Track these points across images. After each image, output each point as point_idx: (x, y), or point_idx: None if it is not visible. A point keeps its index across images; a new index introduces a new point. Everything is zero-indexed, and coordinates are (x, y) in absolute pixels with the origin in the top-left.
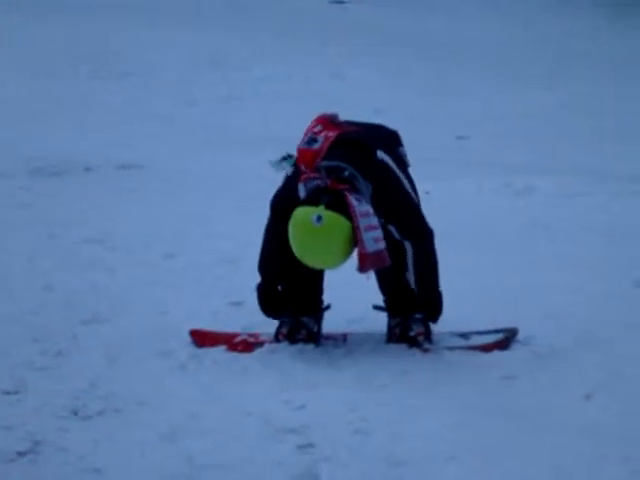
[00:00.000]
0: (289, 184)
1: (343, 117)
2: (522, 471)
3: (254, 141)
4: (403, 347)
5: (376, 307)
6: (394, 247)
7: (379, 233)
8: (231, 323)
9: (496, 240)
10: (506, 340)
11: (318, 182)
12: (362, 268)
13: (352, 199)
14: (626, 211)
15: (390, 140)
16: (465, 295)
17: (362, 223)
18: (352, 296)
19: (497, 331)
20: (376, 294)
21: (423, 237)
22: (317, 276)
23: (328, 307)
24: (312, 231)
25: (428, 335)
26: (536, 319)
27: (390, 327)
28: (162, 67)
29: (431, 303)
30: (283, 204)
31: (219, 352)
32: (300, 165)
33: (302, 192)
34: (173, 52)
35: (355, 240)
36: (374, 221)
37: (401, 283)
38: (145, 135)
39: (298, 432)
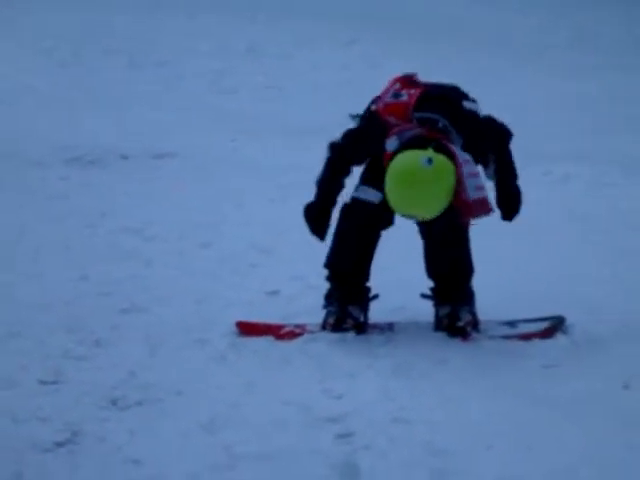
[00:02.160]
0: (362, 137)
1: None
2: (561, 459)
3: (290, 130)
4: (445, 335)
5: (424, 295)
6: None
7: (481, 181)
8: (267, 312)
9: (535, 228)
10: (553, 328)
11: (416, 131)
12: (464, 216)
13: (453, 146)
14: None
15: (462, 93)
16: (504, 283)
17: (465, 169)
18: (397, 283)
19: (544, 319)
20: (420, 282)
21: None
22: (365, 261)
23: (376, 297)
24: (421, 173)
25: (476, 324)
26: (575, 309)
27: (438, 316)
28: (199, 55)
29: (512, 199)
30: (356, 149)
31: (258, 341)
32: (387, 119)
33: (393, 144)
34: (210, 40)
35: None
36: (475, 169)
37: (454, 265)
38: (181, 124)
39: (338, 421)
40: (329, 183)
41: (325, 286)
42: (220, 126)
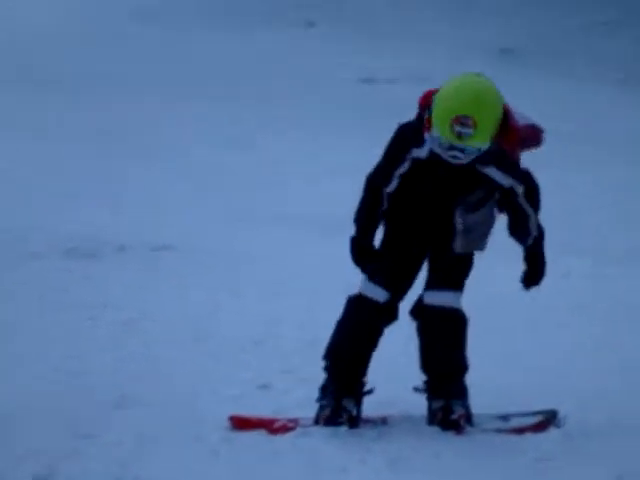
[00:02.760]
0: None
1: None
2: None
3: (285, 220)
4: (438, 429)
5: (416, 389)
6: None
7: (525, 115)
8: (258, 406)
9: (534, 321)
10: (546, 422)
11: None
12: (515, 147)
13: None
14: None
15: None
16: (500, 375)
17: (510, 105)
18: (390, 376)
19: (536, 413)
20: (413, 374)
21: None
22: (365, 356)
23: (370, 391)
24: (473, 78)
25: (469, 417)
26: (570, 400)
27: (431, 410)
28: (196, 145)
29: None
30: (407, 135)
31: (250, 436)
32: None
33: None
34: (207, 130)
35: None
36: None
37: (449, 362)
38: (176, 215)
39: None
40: (368, 213)
41: (317, 380)
42: (215, 217)
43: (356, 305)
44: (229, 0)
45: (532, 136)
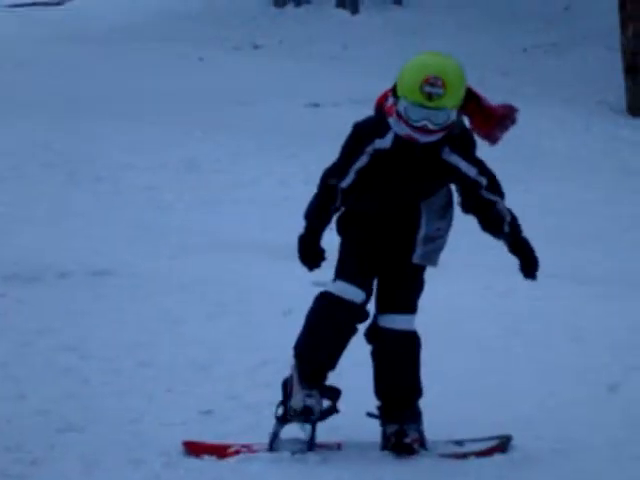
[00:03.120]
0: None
1: None
2: None
3: (228, 246)
4: (387, 454)
5: (370, 414)
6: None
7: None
8: (202, 432)
9: (474, 343)
10: (501, 446)
11: None
12: (495, 113)
13: None
14: (600, 315)
15: None
16: (442, 399)
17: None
18: (343, 402)
19: (491, 438)
20: (367, 401)
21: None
22: (337, 354)
23: (333, 411)
24: (435, 52)
25: (423, 442)
26: (512, 424)
27: (385, 435)
28: (136, 171)
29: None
30: (362, 134)
31: (193, 461)
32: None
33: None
34: (147, 155)
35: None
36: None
37: (403, 388)
38: (119, 240)
39: None
40: (320, 210)
41: (262, 405)
42: (158, 242)
43: (333, 307)
44: (178, 24)
45: (509, 114)
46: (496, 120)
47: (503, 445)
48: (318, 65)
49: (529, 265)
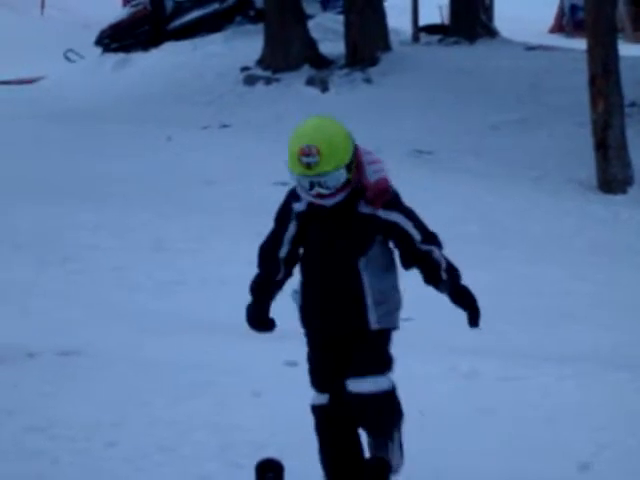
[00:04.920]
0: (287, 201)
1: None
2: None
3: (198, 327)
4: None
5: None
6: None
7: (380, 167)
8: None
9: (439, 425)
10: None
11: None
12: (369, 196)
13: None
14: (568, 393)
15: None
16: None
17: (365, 157)
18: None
19: None
20: None
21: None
22: (343, 457)
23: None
24: (317, 117)
25: None
26: None
27: None
28: (105, 251)
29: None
30: (282, 212)
31: None
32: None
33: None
34: (115, 236)
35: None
36: (374, 158)
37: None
38: (86, 321)
39: None
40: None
41: None
42: (126, 323)
43: (314, 417)
44: (146, 104)
45: (380, 187)
46: (372, 198)
47: None
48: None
49: (472, 314)
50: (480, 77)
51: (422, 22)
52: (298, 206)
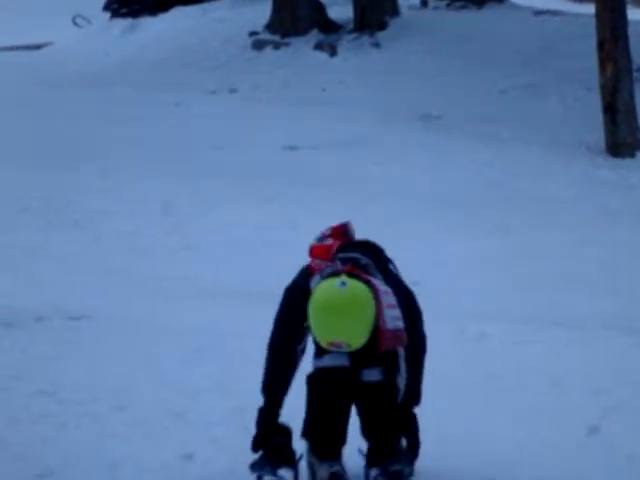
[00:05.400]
0: (302, 279)
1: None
2: None
3: (207, 292)
4: None
5: (361, 452)
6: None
7: (398, 313)
8: (183, 476)
9: (449, 387)
10: None
11: (337, 267)
12: (381, 345)
13: (370, 277)
14: (578, 358)
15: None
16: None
17: (383, 299)
18: None
19: None
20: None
21: (422, 341)
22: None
23: (300, 458)
24: (336, 295)
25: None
26: (490, 467)
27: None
28: (114, 216)
29: (414, 393)
30: (298, 294)
31: None
32: (314, 261)
33: (316, 281)
34: (124, 201)
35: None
36: (393, 300)
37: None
38: (96, 285)
39: None
40: (276, 377)
41: (242, 449)
42: (135, 287)
43: (324, 379)
44: (154, 70)
45: (397, 339)
46: (381, 339)
47: None
48: (296, 108)
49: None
50: (488, 42)
51: None
52: (317, 280)
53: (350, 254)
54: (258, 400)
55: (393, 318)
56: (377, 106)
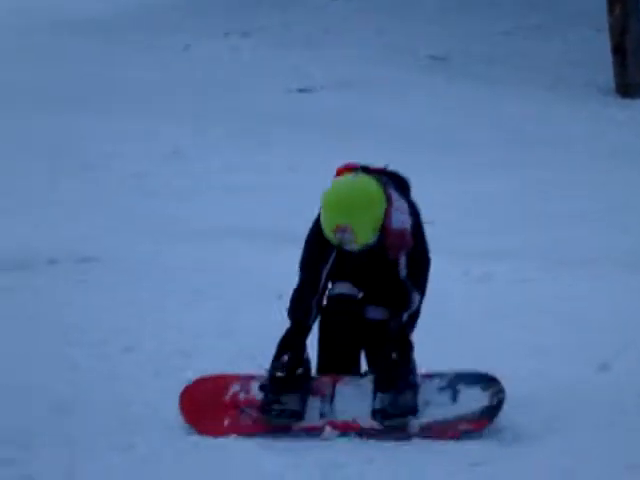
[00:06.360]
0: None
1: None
2: None
3: (211, 233)
4: (370, 431)
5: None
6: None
7: (407, 219)
8: None
9: (456, 328)
10: (489, 415)
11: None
12: (387, 244)
13: (386, 185)
14: (585, 296)
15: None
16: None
17: (395, 203)
18: None
19: (483, 383)
20: None
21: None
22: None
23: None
24: (348, 182)
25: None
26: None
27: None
28: (123, 159)
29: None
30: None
31: (185, 442)
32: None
33: None
34: (132, 144)
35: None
36: (404, 209)
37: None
38: (105, 227)
39: None
40: (302, 301)
41: None
42: (143, 229)
43: (336, 306)
44: (157, 14)
45: (402, 238)
46: (390, 245)
47: (498, 405)
48: (298, 50)
49: (383, 378)
50: None
51: None
52: None
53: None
54: (264, 340)
55: (401, 221)
56: (381, 48)
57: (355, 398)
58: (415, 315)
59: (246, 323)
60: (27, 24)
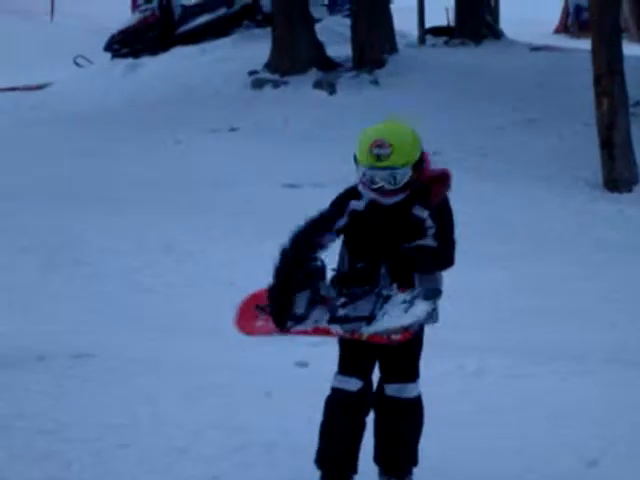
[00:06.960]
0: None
1: None
2: None
3: (208, 328)
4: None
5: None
6: None
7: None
8: None
9: (447, 423)
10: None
11: None
12: (433, 192)
13: None
14: (575, 391)
15: None
16: (420, 478)
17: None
18: None
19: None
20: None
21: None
22: (354, 452)
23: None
24: (387, 119)
25: None
26: None
27: None
28: (115, 254)
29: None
30: (349, 189)
31: None
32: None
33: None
34: (124, 239)
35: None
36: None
37: (402, 449)
38: (97, 323)
39: None
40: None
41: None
42: (136, 325)
43: (334, 401)
44: (154, 108)
45: (443, 179)
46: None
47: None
48: (296, 146)
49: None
50: (486, 78)
51: (428, 24)
52: (356, 204)
53: None
54: (261, 437)
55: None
56: None
57: None
58: (439, 259)
59: (243, 421)
60: (20, 119)
